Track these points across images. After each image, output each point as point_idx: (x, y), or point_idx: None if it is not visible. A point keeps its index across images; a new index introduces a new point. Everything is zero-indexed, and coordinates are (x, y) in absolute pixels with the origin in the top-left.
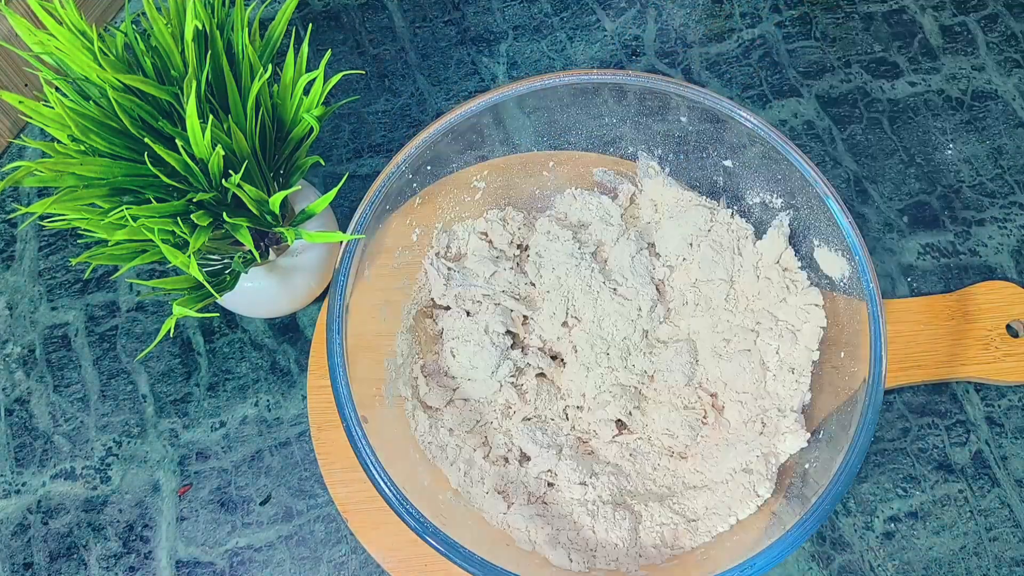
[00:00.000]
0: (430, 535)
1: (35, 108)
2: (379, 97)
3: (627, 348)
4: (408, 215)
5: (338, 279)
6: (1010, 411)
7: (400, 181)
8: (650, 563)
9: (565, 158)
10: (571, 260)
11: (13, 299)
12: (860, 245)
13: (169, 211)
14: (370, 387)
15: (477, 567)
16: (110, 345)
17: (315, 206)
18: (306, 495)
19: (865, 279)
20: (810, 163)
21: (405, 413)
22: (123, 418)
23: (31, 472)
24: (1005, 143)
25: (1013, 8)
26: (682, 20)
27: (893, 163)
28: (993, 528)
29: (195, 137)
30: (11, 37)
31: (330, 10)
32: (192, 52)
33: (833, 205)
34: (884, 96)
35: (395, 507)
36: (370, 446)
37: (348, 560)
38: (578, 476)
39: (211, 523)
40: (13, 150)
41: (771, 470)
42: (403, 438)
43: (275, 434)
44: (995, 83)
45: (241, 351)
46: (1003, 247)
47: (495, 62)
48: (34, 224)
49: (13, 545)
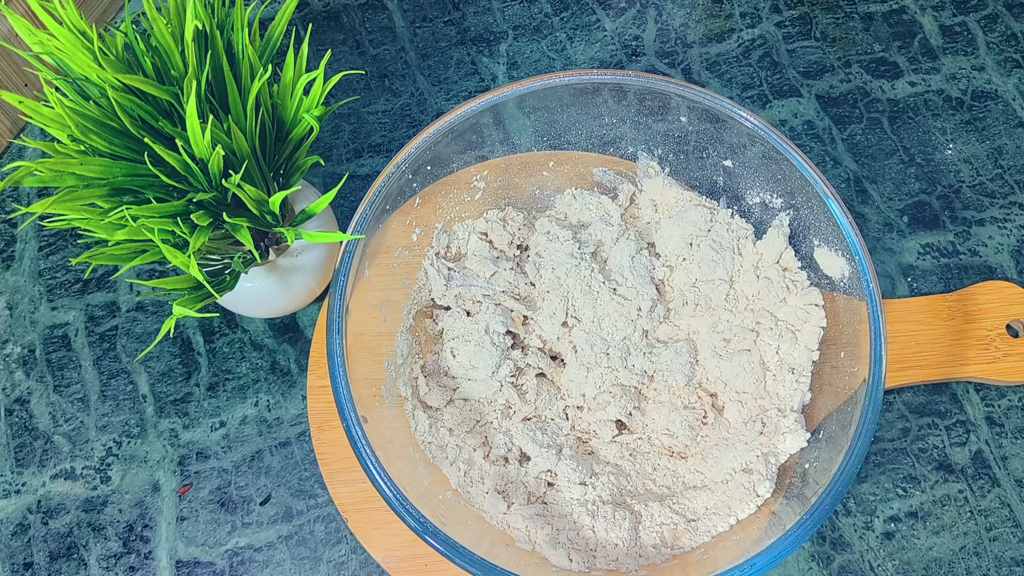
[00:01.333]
0: (430, 535)
1: (35, 108)
2: (379, 97)
3: (627, 348)
4: (408, 215)
5: (338, 279)
6: (1010, 411)
7: (400, 181)
8: (650, 563)
9: (565, 158)
10: (571, 260)
11: (13, 299)
12: (860, 245)
13: (169, 211)
14: (370, 387)
15: (477, 567)
16: (110, 345)
17: (315, 206)
18: (306, 495)
19: (865, 279)
20: (810, 163)
21: (405, 413)
22: (123, 418)
23: (31, 472)
24: (1005, 143)
25: (1013, 8)
26: (682, 20)
27: (893, 163)
28: (993, 528)
29: (195, 137)
30: (11, 37)
31: (330, 10)
32: (192, 52)
33: (833, 205)
34: (884, 96)
35: (395, 507)
36: (370, 446)
37: (348, 560)
38: (578, 476)
39: (211, 523)
40: (13, 150)
41: (771, 470)
42: (403, 438)
43: (275, 434)
44: (995, 83)
45: (241, 351)
46: (1003, 247)
47: (495, 62)
48: (34, 224)
49: (13, 545)
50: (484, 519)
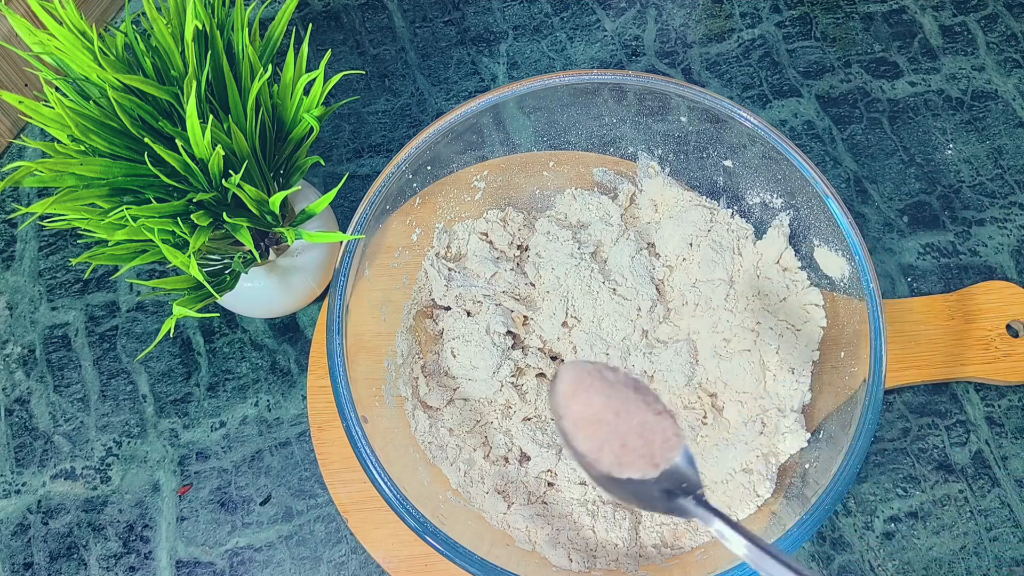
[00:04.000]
0: (430, 535)
1: (35, 108)
2: (379, 97)
3: (627, 348)
4: (408, 215)
5: (338, 279)
6: (1010, 411)
7: (400, 181)
8: (650, 563)
9: (565, 158)
10: (571, 260)
11: (13, 299)
12: (860, 245)
13: (169, 211)
14: (370, 387)
15: (477, 567)
16: (110, 345)
17: (315, 206)
18: (306, 495)
19: (865, 279)
20: (810, 163)
21: (405, 413)
22: (123, 418)
23: (31, 472)
24: (1005, 143)
25: (1013, 8)
26: (682, 20)
27: (893, 163)
28: (993, 528)
29: (195, 137)
30: (11, 37)
31: (330, 10)
32: (192, 52)
33: (833, 205)
34: (884, 96)
35: (395, 507)
36: (370, 446)
37: (348, 560)
38: (578, 476)
39: (211, 523)
40: (13, 150)
41: (771, 470)
42: (403, 438)
43: (275, 434)
44: (995, 83)
45: (241, 351)
46: (1003, 247)
47: (495, 62)
48: (34, 224)
49: (13, 545)
50: (484, 519)
